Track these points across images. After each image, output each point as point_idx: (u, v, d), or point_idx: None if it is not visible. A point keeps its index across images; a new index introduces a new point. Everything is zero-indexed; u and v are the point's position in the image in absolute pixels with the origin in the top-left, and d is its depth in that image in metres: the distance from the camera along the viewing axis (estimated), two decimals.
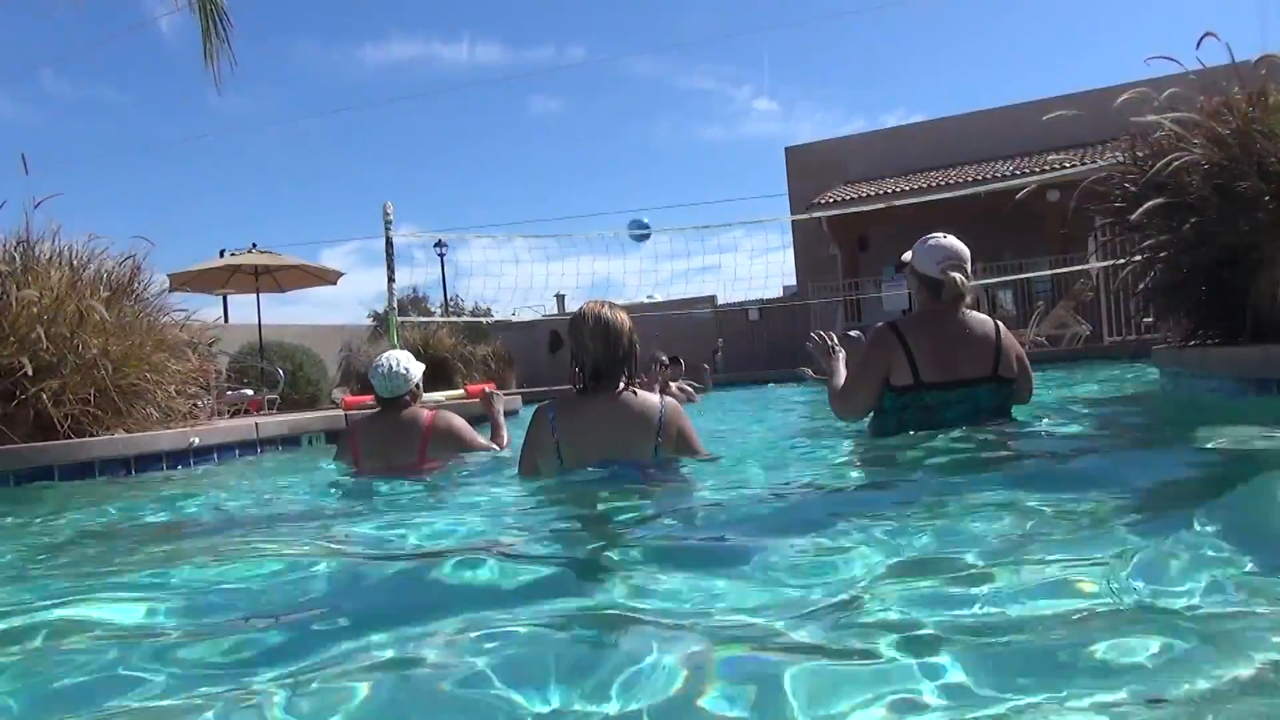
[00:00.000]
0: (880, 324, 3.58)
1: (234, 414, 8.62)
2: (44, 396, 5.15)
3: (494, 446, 4.31)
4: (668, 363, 7.91)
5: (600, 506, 2.66)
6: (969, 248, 3.51)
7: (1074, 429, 3.86)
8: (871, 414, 3.59)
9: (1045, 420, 3.80)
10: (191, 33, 9.54)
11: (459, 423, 4.23)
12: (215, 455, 5.70)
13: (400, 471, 3.96)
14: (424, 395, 5.42)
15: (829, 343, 3.93)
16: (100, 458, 5.02)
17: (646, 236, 6.69)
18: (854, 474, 3.24)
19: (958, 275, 3.38)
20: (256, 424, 6.38)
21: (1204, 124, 4.42)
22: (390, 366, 4.16)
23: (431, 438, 4.12)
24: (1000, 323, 3.52)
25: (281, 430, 6.51)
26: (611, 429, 3.06)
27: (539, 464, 3.14)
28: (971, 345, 3.38)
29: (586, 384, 3.10)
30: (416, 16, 76.27)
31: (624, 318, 3.13)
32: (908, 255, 3.58)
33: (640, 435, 3.04)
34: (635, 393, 3.10)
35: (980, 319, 3.46)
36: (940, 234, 3.53)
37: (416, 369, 4.26)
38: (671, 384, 8.69)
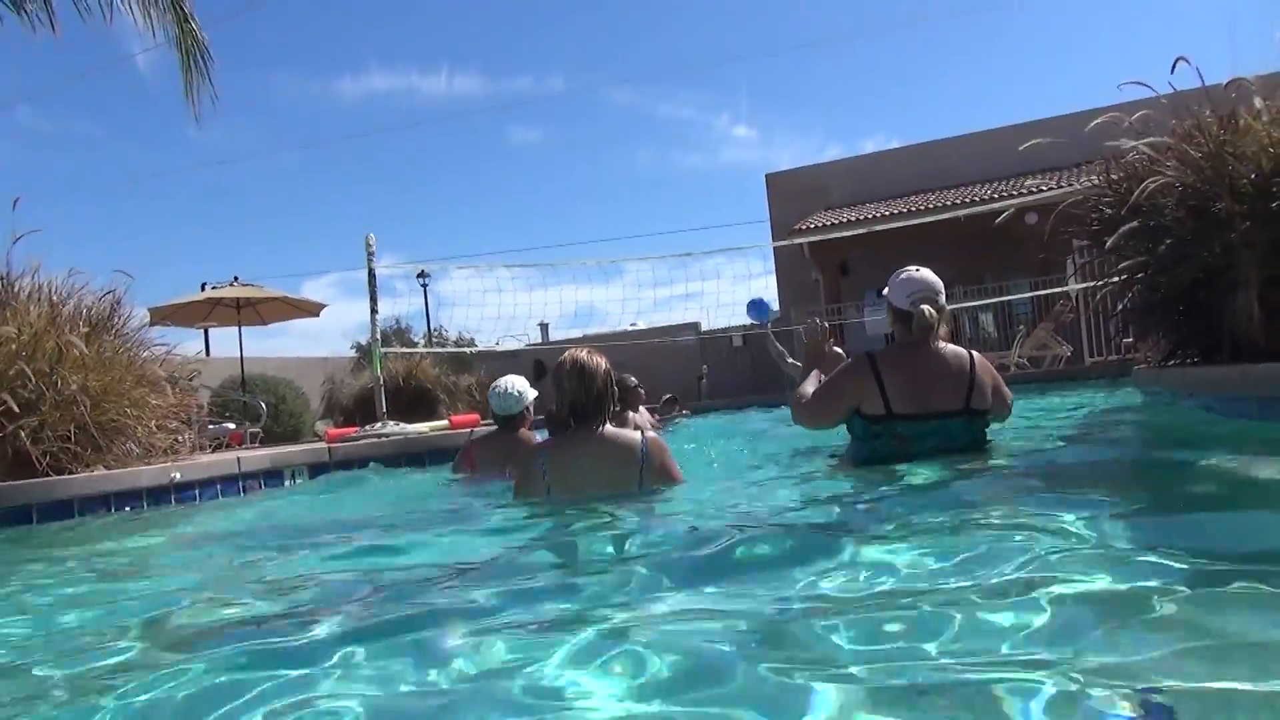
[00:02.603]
0: (859, 353, 3.66)
1: (215, 448, 8.55)
2: (22, 434, 5.10)
3: None
4: (636, 384, 8.04)
5: (581, 532, 2.77)
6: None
7: (1054, 452, 3.89)
8: (850, 441, 3.69)
9: (1020, 445, 3.86)
10: (168, 66, 9.58)
11: None
12: (197, 491, 5.64)
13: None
14: (408, 428, 5.74)
15: (823, 328, 4.03)
16: (80, 495, 4.95)
17: (765, 311, 7.07)
18: (822, 501, 3.26)
19: (926, 308, 3.46)
20: (239, 458, 6.33)
21: (1176, 147, 4.48)
22: (505, 388, 4.76)
23: None
24: (975, 353, 3.57)
25: (264, 464, 6.45)
26: (597, 467, 3.31)
27: (530, 497, 3.40)
28: (945, 378, 3.45)
29: (567, 422, 3.34)
30: (395, 49, 76.73)
31: (600, 361, 3.39)
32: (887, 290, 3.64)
33: (625, 471, 3.28)
34: (611, 433, 3.34)
35: (955, 352, 3.52)
36: (913, 267, 3.61)
37: (529, 393, 4.80)
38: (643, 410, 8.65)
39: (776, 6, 71.20)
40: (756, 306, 7.17)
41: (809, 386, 3.77)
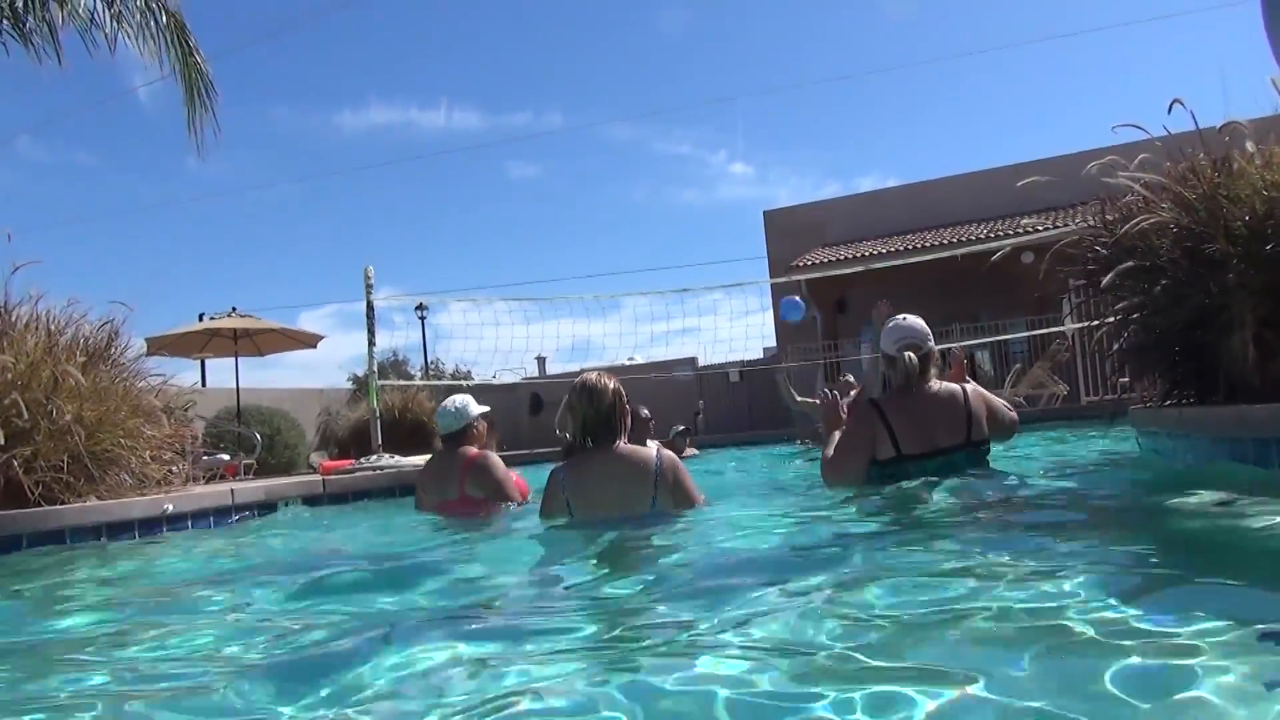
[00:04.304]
0: (863, 401, 3.88)
1: (209, 479, 8.51)
2: (15, 464, 5.07)
3: (515, 499, 4.60)
4: (648, 416, 8.14)
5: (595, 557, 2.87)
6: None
7: (1046, 489, 3.90)
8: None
9: (1013, 480, 3.88)
10: (170, 98, 9.68)
11: (495, 461, 4.56)
12: (190, 522, 5.60)
13: (446, 510, 4.44)
14: (404, 461, 5.78)
15: (837, 395, 4.16)
16: (71, 526, 4.92)
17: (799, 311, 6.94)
18: (824, 525, 3.28)
19: (910, 355, 3.64)
20: (232, 490, 6.29)
21: (1171, 188, 4.51)
22: (448, 405, 4.68)
23: (469, 473, 4.49)
24: (967, 385, 3.68)
25: (258, 496, 6.41)
26: (612, 482, 3.43)
27: (554, 515, 3.53)
28: (944, 417, 3.62)
29: (580, 442, 3.48)
30: (395, 83, 77.17)
31: (607, 381, 3.52)
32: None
33: (638, 486, 3.37)
34: (625, 449, 3.45)
35: (949, 389, 3.70)
36: (903, 316, 3.76)
37: (473, 408, 4.69)
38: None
39: (774, 45, 72.07)
40: (790, 307, 6.91)
41: (833, 447, 3.91)
